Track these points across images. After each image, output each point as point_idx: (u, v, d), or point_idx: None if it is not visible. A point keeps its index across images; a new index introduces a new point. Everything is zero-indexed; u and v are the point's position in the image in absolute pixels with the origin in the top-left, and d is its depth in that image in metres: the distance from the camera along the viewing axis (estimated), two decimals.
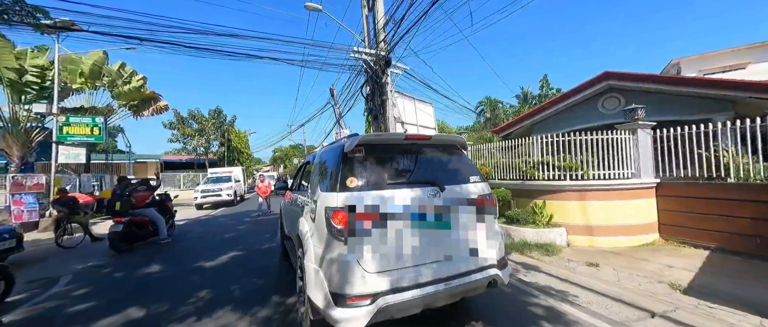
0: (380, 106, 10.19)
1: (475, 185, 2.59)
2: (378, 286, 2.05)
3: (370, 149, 2.44)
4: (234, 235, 7.84)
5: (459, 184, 2.53)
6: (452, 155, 2.76)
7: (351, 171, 2.32)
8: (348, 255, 2.10)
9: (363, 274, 2.06)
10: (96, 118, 10.66)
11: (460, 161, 2.76)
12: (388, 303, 2.02)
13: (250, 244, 6.68)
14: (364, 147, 2.42)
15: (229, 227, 9.08)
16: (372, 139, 2.47)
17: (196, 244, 6.95)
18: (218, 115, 25.02)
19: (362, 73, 10.86)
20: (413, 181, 2.40)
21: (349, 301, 2.01)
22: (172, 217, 7.93)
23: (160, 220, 7.13)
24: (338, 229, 2.13)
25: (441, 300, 2.30)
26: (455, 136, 2.95)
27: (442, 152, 2.73)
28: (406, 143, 2.59)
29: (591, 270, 4.25)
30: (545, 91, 24.27)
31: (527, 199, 6.03)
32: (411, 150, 2.60)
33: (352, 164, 2.36)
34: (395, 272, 2.12)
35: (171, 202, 8.02)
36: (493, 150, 7.36)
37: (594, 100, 9.05)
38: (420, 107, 14.03)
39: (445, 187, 2.39)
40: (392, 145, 2.57)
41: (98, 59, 13.11)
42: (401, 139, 2.57)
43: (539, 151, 6.21)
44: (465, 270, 2.29)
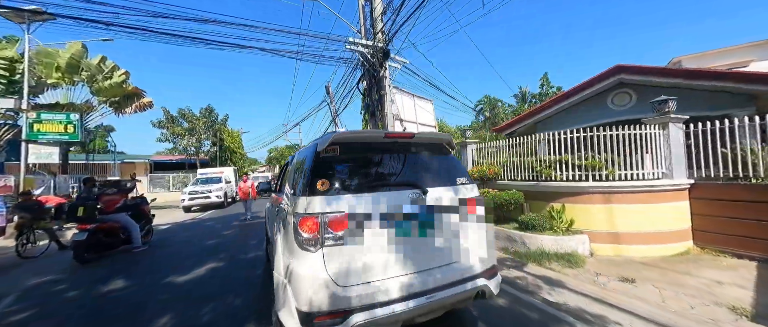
0: (378, 101, 9.54)
1: (462, 187, 2.40)
2: (350, 303, 1.84)
3: (346, 148, 2.23)
4: (217, 241, 7.14)
5: (444, 186, 2.33)
6: (438, 155, 2.55)
7: (323, 173, 2.10)
8: (316, 267, 1.88)
9: (333, 289, 1.85)
10: (71, 115, 9.87)
11: (447, 161, 2.55)
12: (361, 321, 1.81)
13: (233, 252, 5.99)
14: (339, 146, 2.21)
15: (214, 232, 8.37)
16: (347, 137, 2.25)
17: (174, 253, 6.24)
18: (210, 114, 24.20)
19: (359, 67, 10.20)
20: (393, 184, 2.21)
21: (317, 320, 1.81)
22: (149, 223, 7.20)
23: (133, 226, 6.41)
24: (306, 237, 1.92)
25: (422, 315, 2.08)
26: (442, 134, 2.71)
27: (427, 152, 2.51)
28: (387, 142, 2.37)
29: (626, 287, 3.63)
30: (546, 89, 23.82)
31: (542, 202, 5.42)
32: (392, 149, 2.39)
33: (325, 165, 2.15)
34: (370, 286, 1.91)
35: (148, 206, 7.29)
36: (500, 148, 6.75)
37: (603, 96, 8.52)
38: (419, 104, 13.41)
39: (428, 189, 2.18)
40: (370, 143, 2.36)
41: (76, 52, 12.28)
42: (380, 138, 2.35)
43: (552, 150, 5.60)
44: (449, 281, 2.08)
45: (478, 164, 7.25)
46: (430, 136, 2.59)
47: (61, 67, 12.07)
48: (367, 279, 1.93)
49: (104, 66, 12.83)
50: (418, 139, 2.46)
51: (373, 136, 2.39)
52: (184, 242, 7.25)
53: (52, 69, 12.03)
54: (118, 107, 13.13)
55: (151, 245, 7.08)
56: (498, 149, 6.87)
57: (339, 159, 2.20)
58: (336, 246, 1.92)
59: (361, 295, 1.86)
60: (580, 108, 8.74)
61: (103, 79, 12.69)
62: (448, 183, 2.38)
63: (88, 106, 12.55)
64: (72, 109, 12.08)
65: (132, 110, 13.28)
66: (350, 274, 1.91)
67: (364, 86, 10.31)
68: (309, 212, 1.94)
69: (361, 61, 9.50)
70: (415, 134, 2.42)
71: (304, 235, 1.92)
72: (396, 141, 2.42)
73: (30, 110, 9.35)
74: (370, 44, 8.89)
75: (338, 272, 1.89)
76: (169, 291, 4.03)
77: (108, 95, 12.71)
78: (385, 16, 8.79)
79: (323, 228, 1.91)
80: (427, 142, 2.54)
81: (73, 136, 9.82)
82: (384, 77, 9.20)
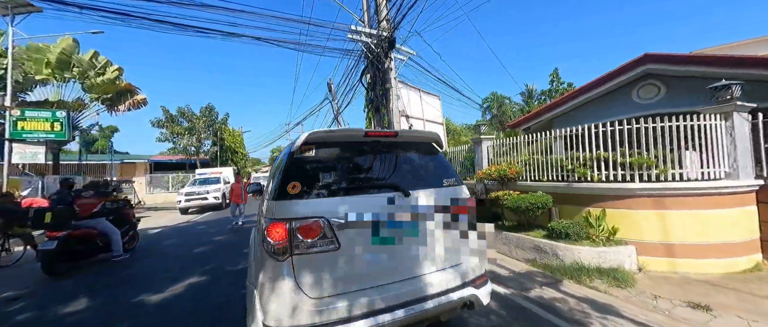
0: (383, 96, 8.83)
1: (449, 189, 2.26)
2: (320, 317, 1.71)
3: (323, 148, 2.11)
4: (207, 248, 6.49)
5: (428, 188, 2.19)
6: (425, 154, 2.40)
7: (296, 175, 1.96)
8: (285, 277, 1.75)
9: (303, 302, 1.71)
10: (57, 112, 9.32)
11: (434, 161, 2.41)
12: None
13: (220, 262, 5.33)
14: (315, 146, 2.07)
15: (206, 237, 7.73)
16: (323, 137, 2.12)
17: (156, 263, 5.60)
18: (210, 113, 23.70)
19: (362, 59, 9.50)
20: (372, 186, 2.08)
21: None
22: (133, 228, 6.57)
23: (112, 233, 5.78)
24: (273, 244, 1.77)
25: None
26: (428, 132, 2.54)
27: (413, 151, 2.37)
28: (368, 141, 2.23)
29: (701, 316, 2.88)
30: (556, 85, 22.92)
31: (576, 207, 4.66)
32: (373, 149, 2.24)
33: (298, 167, 2.02)
34: (344, 298, 1.79)
35: (132, 210, 6.67)
36: (518, 145, 5.99)
37: (627, 88, 7.79)
38: (426, 100, 12.66)
39: (411, 192, 2.05)
40: (349, 142, 2.21)
41: (67, 47, 11.77)
42: (361, 136, 2.19)
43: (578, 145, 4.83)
44: (432, 291, 1.96)
45: (495, 163, 6.51)
46: (416, 135, 2.48)
47: (51, 63, 11.56)
48: (342, 290, 1.80)
49: (96, 61, 12.30)
50: (403, 137, 2.33)
51: (352, 134, 2.22)
52: (170, 249, 6.62)
53: (41, 65, 11.52)
54: (111, 105, 12.60)
55: (136, 252, 6.46)
56: (514, 146, 6.12)
57: (314, 160, 2.06)
58: (307, 255, 1.78)
59: (334, 308, 1.73)
60: (601, 103, 8.01)
61: (96, 75, 12.16)
62: (433, 184, 2.23)
63: (80, 104, 12.02)
64: (63, 107, 11.56)
65: (125, 108, 12.74)
66: (322, 285, 1.78)
67: (367, 80, 9.61)
68: (277, 217, 1.79)
69: (364, 52, 8.80)
70: (398, 132, 2.27)
71: (272, 243, 1.76)
72: (378, 140, 2.26)
73: (14, 107, 8.82)
74: (374, 33, 8.18)
75: (309, 283, 1.76)
76: (134, 315, 3.37)
77: (100, 92, 12.17)
78: (389, 2, 8.08)
79: (293, 235, 1.76)
80: (413, 141, 2.41)
81: (60, 134, 9.27)
82: (389, 69, 8.49)
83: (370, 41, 8.29)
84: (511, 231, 5.07)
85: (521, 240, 4.70)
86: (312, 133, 2.03)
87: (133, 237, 6.65)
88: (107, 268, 5.34)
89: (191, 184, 15.12)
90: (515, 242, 4.82)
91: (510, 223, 5.55)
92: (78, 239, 5.30)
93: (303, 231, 1.76)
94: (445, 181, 2.30)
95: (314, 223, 1.78)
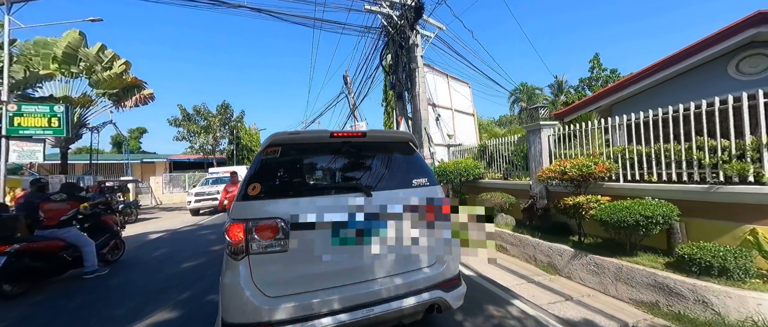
0: (407, 78, 7.40)
1: (418, 190, 2.20)
2: (275, 316, 1.68)
3: (287, 150, 2.10)
4: (198, 263, 5.38)
5: (394, 188, 2.15)
6: (399, 154, 2.34)
7: (259, 176, 1.98)
8: (241, 277, 1.74)
9: (258, 301, 1.70)
10: (55, 107, 8.69)
11: (407, 162, 2.34)
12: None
13: (206, 284, 4.15)
14: (280, 147, 2.08)
15: (202, 247, 6.68)
16: (289, 138, 2.11)
17: (132, 283, 4.53)
18: (225, 110, 23.30)
19: (383, 38, 8.11)
20: (333, 187, 2.12)
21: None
22: (114, 237, 5.57)
23: (85, 245, 4.77)
24: (231, 243, 1.79)
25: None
26: (400, 132, 2.75)
27: (383, 152, 2.31)
28: (334, 142, 2.17)
29: None
30: (597, 72, 20.43)
31: (726, 224, 3.02)
32: (340, 150, 2.20)
33: (264, 168, 2.04)
34: (300, 298, 1.77)
35: (113, 216, 5.68)
36: (591, 133, 4.36)
37: (720, 63, 5.95)
38: (454, 87, 11.07)
39: (374, 193, 2.01)
40: (315, 144, 2.19)
41: (73, 41, 11.26)
42: (327, 137, 2.13)
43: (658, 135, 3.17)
44: (394, 294, 1.91)
45: (559, 157, 4.92)
46: (387, 135, 2.51)
47: (57, 58, 11.10)
48: (298, 290, 1.81)
49: (103, 55, 11.75)
50: (372, 138, 2.27)
51: (318, 136, 2.19)
52: (157, 263, 5.56)
53: (49, 60, 11.09)
54: (118, 100, 12.03)
55: (118, 265, 5.48)
56: (584, 135, 4.49)
57: (279, 161, 2.08)
58: (264, 254, 1.80)
59: (289, 307, 1.72)
60: (681, 82, 6.29)
61: (103, 69, 11.60)
62: (399, 185, 2.19)
63: (87, 100, 11.50)
64: (69, 103, 11.05)
65: (132, 103, 12.15)
66: (279, 284, 1.80)
67: (387, 60, 8.23)
68: (235, 218, 1.83)
69: (385, 27, 7.42)
70: (367, 133, 2.22)
71: (230, 241, 1.80)
72: (347, 140, 2.21)
73: (11, 102, 8.25)
74: (396, 1, 6.76)
75: (266, 282, 1.77)
76: None
77: (106, 87, 11.61)
78: None
79: (249, 235, 1.78)
80: (384, 141, 2.39)
81: (58, 131, 8.64)
82: (415, 46, 7.03)
83: (392, 12, 6.88)
84: (596, 253, 3.51)
85: (627, 271, 3.12)
86: (276, 135, 2.06)
87: (116, 247, 5.66)
88: (72, 289, 4.33)
89: (202, 184, 14.44)
90: (614, 273, 3.25)
91: (591, 242, 3.97)
92: (35, 254, 4.30)
93: (259, 231, 1.79)
94: (415, 181, 2.25)
95: (271, 223, 1.80)
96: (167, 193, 21.83)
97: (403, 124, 7.65)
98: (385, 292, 1.88)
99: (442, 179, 7.18)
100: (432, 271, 2.06)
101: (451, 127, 9.44)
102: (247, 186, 1.91)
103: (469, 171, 6.63)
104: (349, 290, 1.84)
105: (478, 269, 4.22)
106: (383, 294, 1.87)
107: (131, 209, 11.24)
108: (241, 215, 1.80)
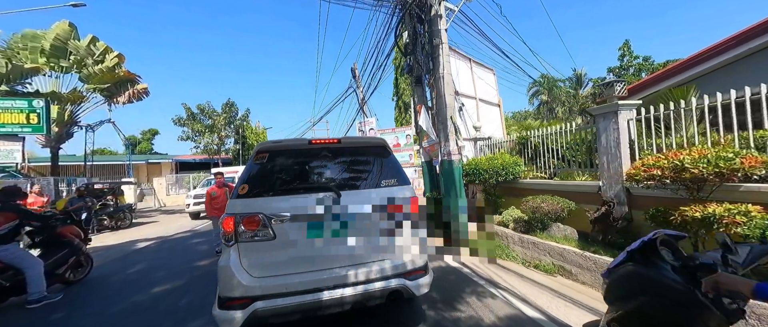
0: (429, 56, 6.16)
1: (384, 190, 2.44)
2: (253, 292, 2.06)
3: (273, 155, 2.46)
4: (174, 285, 4.31)
5: (363, 189, 2.46)
6: (369, 158, 2.63)
7: (249, 178, 2.36)
8: (230, 260, 2.13)
9: (242, 280, 2.08)
10: (33, 102, 7.86)
11: (378, 164, 2.60)
12: (262, 307, 2.03)
13: (175, 322, 3.05)
14: (267, 153, 2.45)
15: (188, 260, 5.63)
16: (274, 146, 2.52)
17: (88, 312, 3.49)
18: (230, 108, 22.55)
19: (397, 13, 6.88)
20: (307, 187, 2.39)
21: (228, 304, 2.06)
22: (75, 253, 4.55)
23: (28, 267, 3.77)
24: (224, 233, 2.19)
25: (324, 309, 2.18)
26: (373, 138, 3.03)
27: (356, 156, 2.63)
28: (312, 148, 2.54)
29: None
30: (628, 60, 18.62)
31: None
32: (317, 155, 2.55)
33: (254, 171, 2.40)
34: (274, 279, 2.14)
35: (71, 228, 4.66)
36: (689, 112, 3.04)
37: None
38: (478, 74, 9.71)
39: (343, 192, 2.31)
40: (296, 150, 2.56)
41: (62, 32, 10.47)
42: (305, 144, 2.56)
43: None
44: (355, 280, 2.20)
45: (645, 150, 3.62)
46: (361, 141, 3.07)
47: (45, 51, 10.33)
48: (273, 273, 2.16)
49: (95, 47, 10.94)
50: (345, 144, 2.62)
51: (299, 143, 2.60)
52: (127, 285, 4.52)
53: (37, 53, 10.33)
54: (110, 96, 11.20)
55: (81, 286, 4.49)
56: (682, 114, 3.17)
57: (265, 165, 2.42)
58: (250, 242, 2.17)
59: (265, 286, 2.09)
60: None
61: (94, 63, 10.80)
62: (368, 185, 2.47)
63: (78, 96, 10.72)
64: (58, 99, 10.26)
65: (125, 99, 11.31)
66: (258, 267, 2.15)
67: (403, 40, 7.01)
68: (228, 213, 2.21)
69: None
70: (341, 140, 2.59)
71: (223, 231, 2.19)
72: (326, 146, 2.53)
73: None
74: None
75: (249, 265, 2.14)
76: None
77: (98, 82, 10.79)
78: None
79: (238, 226, 2.16)
80: (357, 146, 2.73)
81: (37, 128, 7.82)
82: (438, 17, 5.78)
83: None
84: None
85: None
86: (263, 144, 2.56)
87: (79, 264, 4.66)
88: (11, 320, 3.31)
89: (203, 185, 13.57)
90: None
91: None
92: None
93: (245, 223, 2.17)
94: (385, 181, 2.49)
95: (254, 217, 2.17)
96: (173, 194, 21.21)
97: (423, 114, 6.42)
98: (352, 277, 2.19)
99: (471, 179, 5.93)
100: (396, 262, 2.30)
101: (476, 119, 8.18)
102: (238, 186, 2.32)
103: (507, 169, 5.36)
104: (320, 274, 2.17)
105: (542, 305, 2.99)
106: (350, 279, 2.18)
107: (125, 213, 10.41)
108: (232, 210, 2.21)
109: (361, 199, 2.25)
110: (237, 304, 2.01)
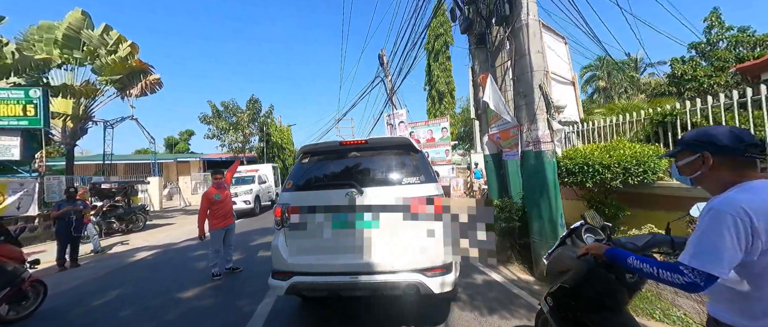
0: (507, 32, 4.24)
1: (406, 188, 2.58)
2: (292, 268, 2.50)
3: (313, 155, 2.92)
4: None
5: (386, 186, 2.61)
6: (394, 157, 2.80)
7: (294, 175, 2.84)
8: (279, 241, 2.62)
9: (286, 257, 2.53)
10: (30, 91, 7.06)
11: (403, 163, 2.77)
12: (298, 281, 2.44)
13: None
14: (309, 154, 2.93)
15: (176, 286, 4.20)
16: (313, 148, 2.96)
17: None
18: (254, 105, 21.92)
19: None
20: (336, 184, 2.65)
21: (276, 275, 2.54)
22: (15, 280, 3.24)
23: None
24: (275, 219, 2.68)
25: (348, 290, 2.47)
26: (399, 138, 3.14)
27: (383, 154, 2.81)
28: (343, 148, 2.86)
29: None
30: (719, 33, 15.09)
31: None
32: (347, 154, 2.85)
33: (298, 169, 2.88)
34: (309, 259, 2.51)
35: (17, 248, 3.37)
36: None
37: None
38: (548, 43, 7.54)
39: (365, 189, 2.53)
40: (330, 151, 2.93)
41: (74, 21, 9.83)
42: (337, 146, 2.91)
43: None
44: (375, 269, 2.38)
45: None
46: (386, 141, 3.03)
47: (58, 41, 9.74)
48: (306, 254, 2.54)
49: (108, 37, 10.23)
50: (372, 144, 2.85)
51: (332, 145, 2.96)
52: (87, 322, 3.15)
53: (52, 45, 9.78)
54: (123, 88, 10.46)
55: (23, 325, 3.19)
56: None
57: (307, 164, 2.88)
58: (288, 228, 2.61)
59: (302, 264, 2.50)
60: None
61: (107, 53, 10.07)
62: (390, 183, 2.64)
63: (90, 88, 10.05)
64: (72, 93, 9.62)
65: (138, 91, 10.52)
66: (296, 248, 2.57)
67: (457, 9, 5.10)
68: (278, 203, 2.72)
69: None
70: (368, 141, 2.84)
71: (276, 218, 2.66)
72: (352, 147, 2.84)
73: None
74: None
75: (290, 246, 2.59)
76: None
77: (110, 73, 10.05)
78: None
79: (284, 214, 2.61)
80: (383, 146, 2.88)
81: (34, 121, 7.01)
82: None
83: None
84: None
85: None
86: (305, 147, 2.98)
87: (21, 295, 3.37)
88: None
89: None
90: None
91: None
92: None
93: (290, 212, 2.60)
94: (407, 179, 2.64)
95: (295, 207, 2.60)
96: (200, 193, 21.01)
97: (489, 86, 4.49)
98: (367, 267, 2.40)
99: (574, 179, 3.95)
100: (415, 257, 2.41)
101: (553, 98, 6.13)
102: (285, 182, 2.88)
103: (642, 164, 3.32)
104: (344, 259, 2.46)
105: None
106: (369, 268, 2.39)
107: (137, 215, 9.54)
108: (280, 201, 2.73)
109: (383, 194, 2.51)
110: (281, 276, 2.49)
